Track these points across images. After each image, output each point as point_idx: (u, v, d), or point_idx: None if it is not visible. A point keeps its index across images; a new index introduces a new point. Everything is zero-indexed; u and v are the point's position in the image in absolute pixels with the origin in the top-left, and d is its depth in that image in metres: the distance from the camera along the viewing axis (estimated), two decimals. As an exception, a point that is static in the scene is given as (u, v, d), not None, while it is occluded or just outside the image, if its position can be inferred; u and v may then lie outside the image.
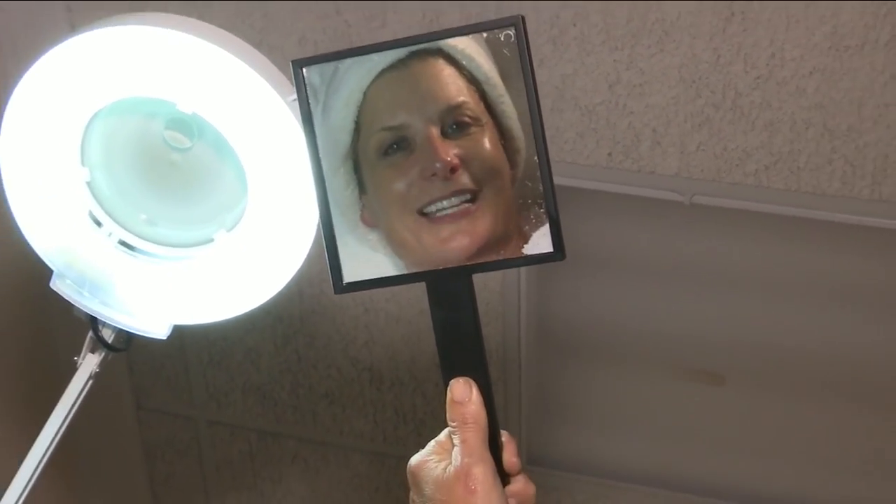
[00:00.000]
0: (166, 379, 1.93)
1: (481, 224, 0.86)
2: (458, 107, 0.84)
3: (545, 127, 0.83)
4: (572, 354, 1.69)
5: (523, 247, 0.85)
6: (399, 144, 0.85)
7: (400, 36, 0.85)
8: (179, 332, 0.98)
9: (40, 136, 0.92)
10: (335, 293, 0.87)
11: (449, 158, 0.84)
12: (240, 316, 0.97)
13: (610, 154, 1.50)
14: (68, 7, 1.62)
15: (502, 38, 0.83)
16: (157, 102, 0.89)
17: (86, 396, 0.98)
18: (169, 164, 0.94)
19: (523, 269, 1.62)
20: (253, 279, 0.95)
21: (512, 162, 0.85)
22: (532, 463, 1.76)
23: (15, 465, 0.95)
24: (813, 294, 1.53)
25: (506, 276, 1.61)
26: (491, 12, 1.31)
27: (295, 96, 0.85)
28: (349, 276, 0.87)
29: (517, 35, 0.82)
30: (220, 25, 0.91)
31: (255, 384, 1.86)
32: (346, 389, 1.79)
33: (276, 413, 1.88)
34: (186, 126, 0.91)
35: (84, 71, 0.89)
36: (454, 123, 0.84)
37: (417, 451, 0.90)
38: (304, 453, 1.92)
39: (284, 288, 0.94)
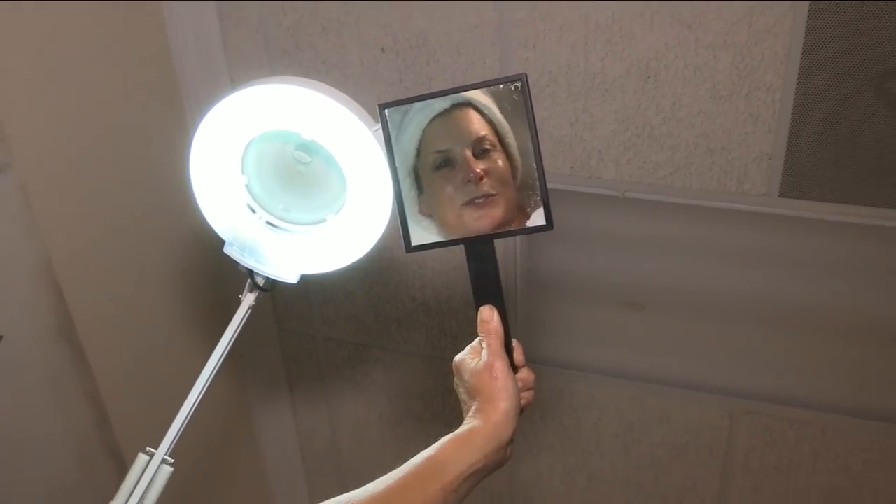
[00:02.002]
0: (296, 310, 1.93)
1: (498, 210, 0.87)
2: (483, 138, 0.86)
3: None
4: (549, 292, 1.69)
5: (526, 222, 0.87)
6: (446, 162, 0.87)
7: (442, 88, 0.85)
8: (305, 279, 0.98)
9: (216, 155, 0.92)
10: (406, 252, 0.90)
11: (478, 171, 0.86)
12: (342, 268, 0.96)
13: (572, 167, 1.51)
14: (228, 64, 1.63)
15: (512, 89, 0.84)
16: (289, 133, 0.89)
17: (245, 321, 0.98)
18: (297, 172, 0.94)
19: (518, 237, 1.61)
20: (350, 245, 0.95)
21: (514, 174, 0.87)
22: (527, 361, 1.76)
23: (202, 363, 0.95)
24: (703, 252, 1.53)
25: (506, 242, 1.61)
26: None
27: (378, 127, 0.87)
28: (415, 241, 0.89)
29: (523, 86, 0.83)
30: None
31: (351, 313, 1.86)
32: (408, 316, 1.79)
33: (365, 332, 1.88)
34: (308, 148, 0.91)
35: (243, 113, 0.89)
36: (480, 149, 0.86)
37: (456, 355, 0.92)
38: (382, 357, 1.90)
39: (369, 251, 0.93)
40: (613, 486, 1.90)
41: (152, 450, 0.90)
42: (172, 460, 0.91)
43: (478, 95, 0.84)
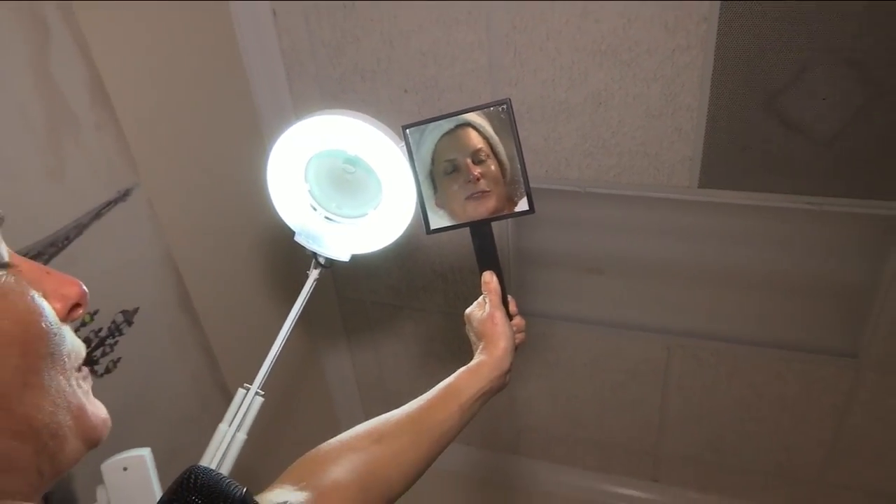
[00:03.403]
0: (350, 282, 1.93)
1: (492, 202, 0.87)
2: (479, 150, 0.86)
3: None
4: (534, 263, 1.69)
5: (514, 208, 0.87)
6: (453, 168, 0.87)
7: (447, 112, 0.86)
8: (354, 259, 0.99)
9: (286, 168, 0.93)
10: (427, 234, 0.91)
11: (476, 174, 0.86)
12: (380, 249, 0.97)
13: (546, 171, 1.51)
14: (294, 105, 1.63)
15: (500, 110, 0.84)
16: (339, 151, 0.90)
17: (313, 291, 0.99)
18: (345, 180, 0.95)
19: (512, 220, 1.61)
20: (386, 231, 0.95)
21: (504, 175, 0.87)
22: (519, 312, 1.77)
23: (282, 322, 0.96)
24: (645, 230, 1.53)
25: (502, 227, 1.62)
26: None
27: (403, 144, 0.87)
28: (433, 226, 0.90)
29: (508, 108, 0.83)
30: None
31: (389, 283, 1.86)
32: (431, 284, 1.79)
33: (400, 296, 1.88)
34: (352, 161, 0.92)
35: (305, 137, 0.90)
36: (477, 158, 0.86)
37: (467, 308, 0.94)
38: (413, 315, 1.90)
39: (400, 237, 0.94)
40: (585, 402, 1.91)
41: (248, 385, 0.91)
42: (263, 392, 0.92)
43: (475, 118, 0.85)
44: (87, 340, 1.19)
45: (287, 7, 1.49)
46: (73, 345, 0.44)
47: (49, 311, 0.42)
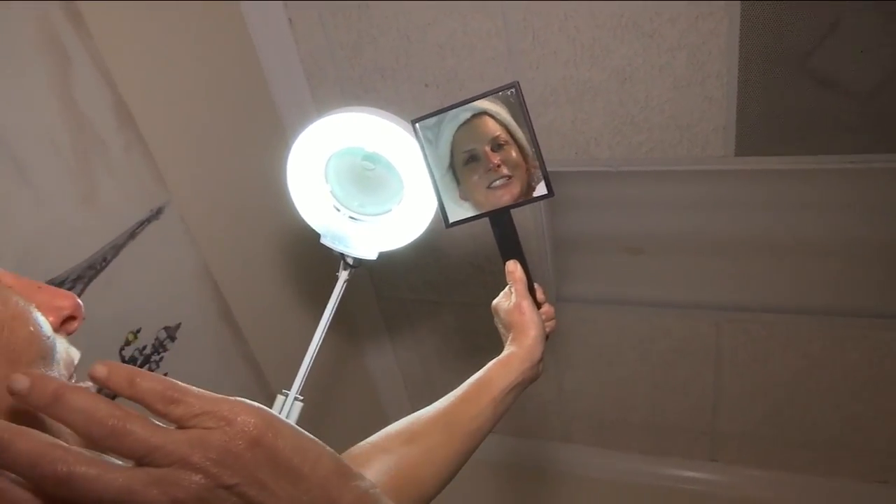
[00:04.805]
0: (388, 282, 1.93)
1: (515, 188, 0.84)
2: (497, 137, 0.83)
3: (539, 138, 0.82)
4: (571, 248, 1.66)
5: (533, 194, 0.84)
6: (472, 158, 0.84)
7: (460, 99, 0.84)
8: (386, 257, 0.98)
9: (306, 172, 0.92)
10: (446, 228, 0.88)
11: (496, 161, 0.83)
12: (409, 244, 0.96)
13: (576, 153, 1.48)
14: (317, 108, 1.63)
15: (509, 94, 0.81)
16: (357, 148, 0.89)
17: (348, 292, 0.98)
18: (366, 177, 0.94)
19: (543, 206, 1.58)
20: (411, 226, 0.94)
21: (525, 160, 0.83)
22: (558, 300, 1.76)
23: (314, 324, 0.96)
24: (682, 204, 1.50)
25: (534, 215, 1.59)
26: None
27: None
28: (452, 218, 0.88)
29: (517, 91, 0.80)
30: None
31: (427, 279, 1.86)
32: (468, 277, 1.77)
33: (438, 292, 1.87)
34: (371, 158, 0.91)
35: (320, 139, 0.89)
36: (496, 145, 0.83)
37: (494, 298, 0.92)
38: (453, 309, 1.89)
39: (427, 233, 0.93)
40: (635, 385, 1.88)
41: (286, 391, 0.91)
42: (302, 397, 0.92)
43: (490, 105, 0.82)
44: (132, 359, 1.20)
45: (303, 14, 1.49)
46: (66, 352, 0.43)
47: (38, 316, 0.41)
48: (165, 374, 1.23)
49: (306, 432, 0.41)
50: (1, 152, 0.98)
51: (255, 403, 0.38)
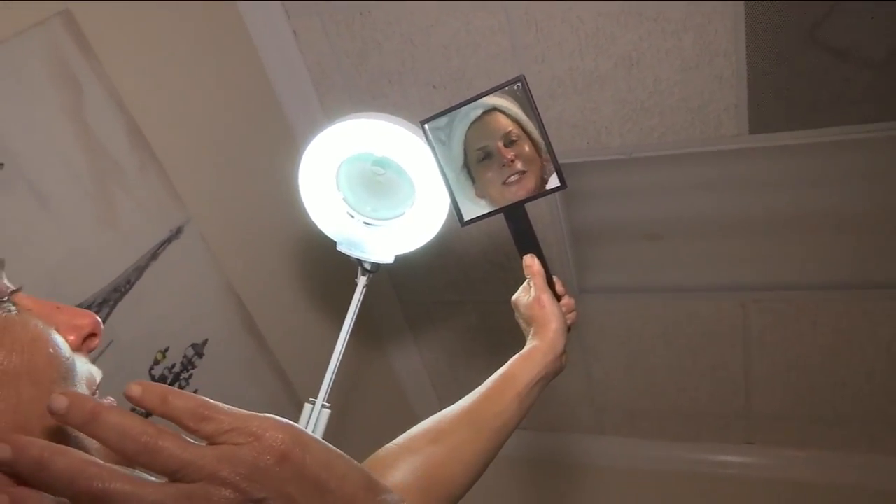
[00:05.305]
0: (409, 284, 1.93)
1: (531, 182, 0.84)
2: (509, 132, 0.82)
3: (550, 131, 0.81)
4: (590, 239, 1.65)
5: (545, 187, 0.83)
6: (486, 155, 0.84)
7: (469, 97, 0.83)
8: (405, 260, 0.98)
9: (318, 181, 0.93)
10: (461, 226, 0.87)
11: (510, 157, 0.83)
12: (425, 245, 0.95)
13: (587, 143, 1.47)
14: (326, 116, 1.64)
15: (516, 89, 0.80)
16: (367, 154, 0.89)
17: (369, 297, 0.98)
18: (377, 182, 0.94)
19: (559, 198, 1.57)
20: (425, 228, 0.94)
21: (539, 153, 0.83)
22: (580, 291, 1.74)
23: (337, 332, 0.97)
24: (698, 187, 1.48)
25: (550, 208, 1.59)
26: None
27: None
28: (466, 216, 0.87)
29: (523, 84, 0.80)
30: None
31: (447, 280, 1.85)
32: (489, 275, 1.78)
33: (460, 292, 1.87)
34: (381, 163, 0.91)
35: (334, 143, 0.89)
36: (509, 140, 0.82)
37: (513, 294, 0.92)
38: (476, 308, 1.90)
39: (442, 233, 0.93)
40: (665, 373, 1.86)
41: (313, 399, 0.91)
42: (329, 404, 0.92)
43: (500, 101, 0.82)
44: (162, 378, 1.21)
45: (306, 25, 1.49)
46: (88, 372, 0.44)
47: (57, 338, 0.42)
48: (195, 392, 1.25)
49: (334, 448, 0.41)
50: (20, 182, 0.99)
51: (284, 420, 0.39)
